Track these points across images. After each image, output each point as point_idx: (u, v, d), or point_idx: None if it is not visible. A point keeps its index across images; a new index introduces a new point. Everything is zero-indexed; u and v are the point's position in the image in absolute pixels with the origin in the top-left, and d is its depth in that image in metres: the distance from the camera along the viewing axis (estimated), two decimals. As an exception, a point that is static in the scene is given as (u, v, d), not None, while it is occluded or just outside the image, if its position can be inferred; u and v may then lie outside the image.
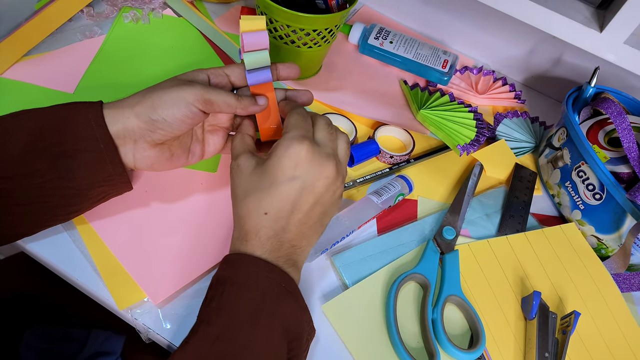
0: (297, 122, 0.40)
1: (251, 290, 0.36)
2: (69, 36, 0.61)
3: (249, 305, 0.35)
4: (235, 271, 0.36)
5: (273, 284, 0.36)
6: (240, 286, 0.36)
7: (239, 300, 0.35)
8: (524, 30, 0.70)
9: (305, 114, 0.41)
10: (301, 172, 0.38)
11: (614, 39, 0.60)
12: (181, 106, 0.39)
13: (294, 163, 0.37)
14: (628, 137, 0.53)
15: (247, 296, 0.35)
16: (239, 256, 0.37)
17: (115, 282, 0.43)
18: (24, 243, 0.44)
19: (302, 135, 0.39)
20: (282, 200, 0.37)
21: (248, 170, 0.39)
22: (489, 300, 0.49)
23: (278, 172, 0.38)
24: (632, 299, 0.55)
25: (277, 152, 0.38)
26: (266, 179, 0.38)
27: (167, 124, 0.39)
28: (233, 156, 0.41)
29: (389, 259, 0.50)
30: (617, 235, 0.54)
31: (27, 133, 0.37)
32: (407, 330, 0.46)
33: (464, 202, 0.56)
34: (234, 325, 0.34)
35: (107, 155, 0.39)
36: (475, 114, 0.65)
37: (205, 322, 0.34)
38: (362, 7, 0.81)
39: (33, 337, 0.53)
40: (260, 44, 0.39)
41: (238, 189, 0.39)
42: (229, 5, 0.73)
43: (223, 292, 0.35)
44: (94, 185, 0.40)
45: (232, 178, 0.41)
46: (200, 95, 0.39)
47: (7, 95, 0.53)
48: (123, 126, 0.39)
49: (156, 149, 0.41)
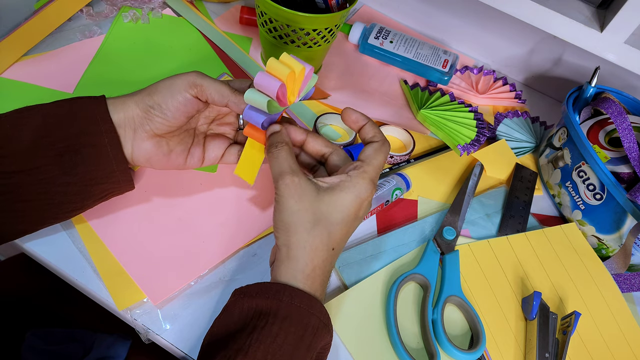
0: (378, 163, 0.40)
1: (293, 324, 0.35)
2: (68, 36, 0.61)
3: (289, 340, 0.35)
4: (279, 303, 0.35)
5: (313, 318, 0.36)
6: (282, 320, 0.35)
7: (280, 334, 0.34)
8: (524, 30, 0.69)
9: (387, 156, 0.41)
10: (362, 214, 0.40)
11: (615, 38, 0.60)
12: (174, 92, 0.40)
13: (361, 204, 0.38)
14: (628, 137, 0.53)
15: (289, 330, 0.35)
16: (282, 287, 0.36)
17: (114, 282, 0.43)
18: (23, 243, 0.44)
19: (373, 180, 0.39)
20: (345, 238, 0.39)
21: (313, 194, 0.37)
22: (489, 301, 0.49)
23: (351, 209, 0.38)
24: (632, 299, 0.55)
25: (354, 189, 0.38)
26: (338, 212, 0.37)
27: (162, 111, 0.40)
28: (287, 169, 0.38)
29: (389, 260, 0.50)
30: (617, 236, 0.54)
31: (32, 129, 0.37)
32: (407, 331, 0.46)
33: (464, 202, 0.56)
34: (273, 359, 0.34)
35: (111, 150, 0.39)
36: (475, 113, 0.65)
37: (243, 351, 0.33)
38: (362, 7, 0.81)
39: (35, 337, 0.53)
40: (268, 90, 0.37)
41: (304, 212, 0.37)
42: (229, 5, 0.73)
43: (265, 325, 0.34)
44: (97, 182, 0.40)
45: (290, 196, 0.37)
46: (193, 80, 0.40)
47: (7, 95, 0.53)
48: (124, 114, 0.40)
49: (154, 140, 0.41)
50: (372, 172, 0.39)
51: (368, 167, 0.39)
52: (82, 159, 0.38)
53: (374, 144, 0.41)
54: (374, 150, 0.40)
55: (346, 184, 0.38)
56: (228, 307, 0.37)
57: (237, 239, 0.48)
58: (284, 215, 0.37)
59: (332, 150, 0.43)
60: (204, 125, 0.46)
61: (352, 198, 0.38)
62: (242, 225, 0.49)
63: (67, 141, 0.38)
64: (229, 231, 0.48)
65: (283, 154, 0.40)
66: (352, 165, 0.40)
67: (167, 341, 0.42)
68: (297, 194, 0.37)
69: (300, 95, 0.42)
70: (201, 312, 0.44)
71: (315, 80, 0.43)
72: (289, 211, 0.37)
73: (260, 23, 0.58)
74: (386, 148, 0.41)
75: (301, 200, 0.37)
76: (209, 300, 0.44)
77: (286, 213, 0.37)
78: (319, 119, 0.60)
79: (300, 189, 0.37)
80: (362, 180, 0.38)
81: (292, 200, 0.37)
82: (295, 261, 0.37)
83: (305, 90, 0.43)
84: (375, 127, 0.42)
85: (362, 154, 0.40)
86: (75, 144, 0.38)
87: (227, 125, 0.47)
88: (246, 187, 0.52)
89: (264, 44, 0.63)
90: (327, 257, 0.38)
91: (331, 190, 0.38)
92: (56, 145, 0.38)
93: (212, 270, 0.46)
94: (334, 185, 0.38)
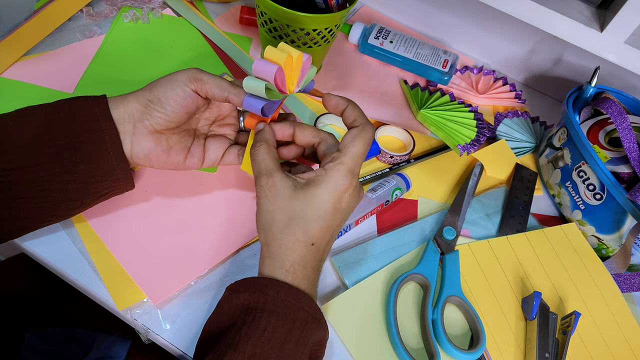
0: (357, 151, 0.38)
1: (281, 318, 0.35)
2: (68, 36, 0.61)
3: (278, 333, 0.35)
4: (265, 298, 0.36)
5: (301, 311, 0.36)
6: (269, 314, 0.35)
7: (268, 328, 0.35)
8: (524, 30, 0.69)
9: (369, 141, 0.39)
10: (345, 206, 0.38)
11: (615, 38, 0.60)
12: (174, 85, 0.40)
13: (340, 197, 0.38)
14: (628, 137, 0.53)
15: (277, 324, 0.35)
16: (269, 281, 0.37)
17: (114, 282, 0.43)
18: (23, 242, 0.44)
19: (352, 171, 0.38)
20: (327, 232, 0.38)
21: (287, 193, 0.38)
22: (489, 301, 0.49)
23: (326, 203, 0.37)
24: (632, 299, 0.55)
25: (328, 183, 0.37)
26: (313, 209, 0.37)
27: (161, 104, 0.40)
28: (263, 170, 0.39)
29: (389, 260, 0.50)
30: (617, 236, 0.54)
31: (34, 127, 0.38)
32: (407, 331, 0.46)
33: (464, 202, 0.56)
34: (262, 352, 0.34)
35: (112, 148, 0.39)
36: (475, 113, 0.65)
37: (233, 346, 0.34)
38: (362, 7, 0.81)
39: (35, 337, 0.53)
40: (266, 74, 0.37)
41: (277, 212, 0.38)
42: (229, 5, 0.73)
43: (253, 320, 0.35)
44: (97, 180, 0.40)
45: (265, 197, 0.38)
46: (192, 74, 0.40)
47: (7, 95, 0.53)
48: (124, 109, 0.40)
49: (153, 136, 0.41)
50: (350, 162, 0.38)
51: (345, 157, 0.38)
52: (82, 157, 0.38)
53: (352, 130, 0.40)
54: (352, 138, 0.39)
55: (321, 178, 0.38)
56: (219, 305, 0.38)
57: (237, 239, 0.48)
58: (261, 215, 0.39)
59: (320, 140, 0.42)
60: (204, 127, 0.46)
61: (328, 192, 0.37)
62: (242, 225, 0.49)
63: (68, 139, 0.38)
64: (229, 231, 0.48)
65: (260, 154, 0.40)
66: (330, 156, 0.39)
67: (167, 341, 0.42)
68: (271, 194, 0.38)
69: (300, 85, 0.42)
70: (201, 312, 0.44)
71: (314, 72, 0.43)
72: (264, 211, 0.38)
73: (260, 23, 0.58)
74: (367, 133, 0.39)
75: (275, 200, 0.38)
76: (209, 300, 0.44)
77: (262, 213, 0.39)
78: (318, 119, 0.60)
79: (275, 188, 0.38)
80: (337, 173, 0.38)
81: (267, 200, 0.38)
82: (273, 258, 0.38)
83: (305, 81, 0.42)
84: (356, 109, 0.40)
85: (341, 142, 0.39)
86: (76, 141, 0.38)
87: (228, 126, 0.47)
88: (246, 188, 0.52)
89: (264, 44, 0.63)
90: (307, 253, 0.38)
91: (307, 187, 0.38)
92: (56, 142, 0.38)
93: (212, 270, 0.46)
94: (310, 181, 0.38)
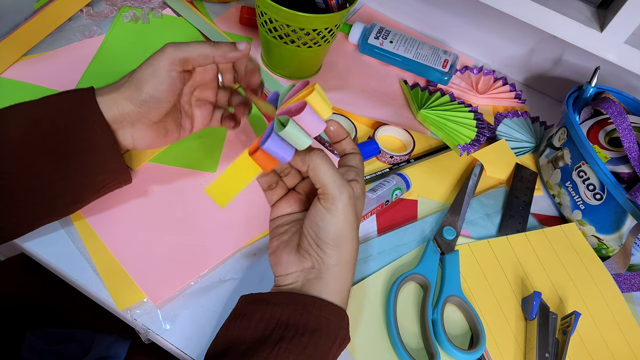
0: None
1: (323, 336, 0.35)
2: (68, 36, 0.61)
3: (319, 351, 0.34)
4: (308, 316, 0.35)
5: (342, 330, 0.36)
6: (312, 332, 0.35)
7: (309, 346, 0.34)
8: (524, 30, 0.69)
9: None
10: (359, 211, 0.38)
11: (615, 38, 0.60)
12: (162, 79, 0.39)
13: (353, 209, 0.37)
14: (628, 137, 0.53)
15: (318, 342, 0.35)
16: (311, 299, 0.36)
17: (114, 282, 0.43)
18: (23, 242, 0.44)
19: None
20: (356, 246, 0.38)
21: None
22: (489, 301, 0.49)
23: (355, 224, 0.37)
24: (632, 299, 0.55)
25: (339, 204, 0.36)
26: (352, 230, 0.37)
27: (155, 100, 0.39)
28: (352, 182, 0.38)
29: (389, 259, 0.50)
30: (617, 236, 0.54)
31: (24, 125, 0.37)
32: (407, 331, 0.46)
33: (464, 202, 0.56)
34: None
35: (104, 141, 0.39)
36: (475, 113, 0.65)
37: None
38: (362, 7, 0.81)
39: (35, 337, 0.52)
40: (312, 129, 0.34)
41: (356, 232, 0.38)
42: (229, 5, 0.73)
43: (295, 335, 0.34)
44: (92, 173, 0.40)
45: (353, 212, 0.37)
46: (174, 57, 0.39)
47: (6, 94, 0.53)
48: (119, 112, 0.39)
49: (153, 128, 0.41)
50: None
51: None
52: (74, 151, 0.38)
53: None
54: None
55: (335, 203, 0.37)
56: (247, 314, 0.36)
57: (237, 239, 0.48)
58: (354, 232, 0.37)
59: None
60: (187, 96, 0.45)
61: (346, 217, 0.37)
62: (242, 225, 0.49)
63: (59, 135, 0.38)
64: (229, 231, 0.48)
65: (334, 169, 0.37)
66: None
67: (167, 341, 0.42)
68: (359, 207, 0.38)
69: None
70: (201, 312, 0.44)
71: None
72: (355, 228, 0.38)
73: (260, 23, 0.58)
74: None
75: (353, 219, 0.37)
76: (209, 300, 0.44)
77: (355, 230, 0.38)
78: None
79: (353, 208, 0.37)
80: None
81: (355, 217, 0.37)
82: (342, 279, 0.37)
83: None
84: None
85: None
86: (67, 136, 0.38)
87: (209, 89, 0.46)
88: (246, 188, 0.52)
89: (264, 44, 0.63)
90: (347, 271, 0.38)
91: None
92: (48, 139, 0.38)
93: (212, 270, 0.46)
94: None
